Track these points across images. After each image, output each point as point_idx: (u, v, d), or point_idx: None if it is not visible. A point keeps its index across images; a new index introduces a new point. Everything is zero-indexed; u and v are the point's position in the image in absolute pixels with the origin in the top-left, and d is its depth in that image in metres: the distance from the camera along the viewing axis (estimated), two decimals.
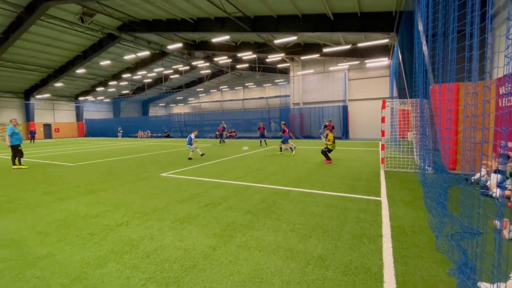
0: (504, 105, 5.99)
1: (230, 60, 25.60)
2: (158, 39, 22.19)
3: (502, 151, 4.63)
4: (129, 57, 22.51)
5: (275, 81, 32.49)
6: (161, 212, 4.52)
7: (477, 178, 5.61)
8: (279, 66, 27.76)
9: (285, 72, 28.97)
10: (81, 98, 37.12)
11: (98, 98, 38.65)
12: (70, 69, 25.74)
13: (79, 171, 8.74)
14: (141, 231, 3.71)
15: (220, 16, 16.40)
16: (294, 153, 12.01)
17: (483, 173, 5.42)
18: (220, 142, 19.42)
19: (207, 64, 27.35)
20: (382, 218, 4.04)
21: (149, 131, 34.11)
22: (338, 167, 8.49)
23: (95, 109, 41.16)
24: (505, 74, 2.07)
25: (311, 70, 25.41)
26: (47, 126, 35.04)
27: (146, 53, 23.04)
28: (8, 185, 6.93)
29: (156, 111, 47.90)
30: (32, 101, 32.06)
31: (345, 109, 22.66)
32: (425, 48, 6.50)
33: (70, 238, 3.56)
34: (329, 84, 25.09)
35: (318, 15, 14.75)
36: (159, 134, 33.21)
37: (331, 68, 24.02)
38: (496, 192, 3.21)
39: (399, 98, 15.78)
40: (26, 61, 24.16)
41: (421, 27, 6.62)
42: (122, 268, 2.78)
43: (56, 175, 8.11)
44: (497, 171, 4.96)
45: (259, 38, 19.54)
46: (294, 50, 21.10)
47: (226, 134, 19.99)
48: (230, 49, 22.12)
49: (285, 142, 12.22)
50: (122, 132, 34.45)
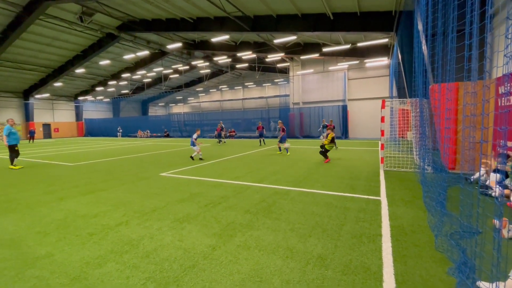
0: (503, 104, 6.00)
1: (230, 59, 25.61)
2: (158, 39, 22.17)
3: (501, 151, 4.63)
4: (128, 56, 22.51)
5: (275, 80, 32.49)
6: (160, 211, 4.52)
7: (476, 177, 5.62)
8: (279, 65, 27.77)
9: (284, 71, 28.97)
10: (80, 98, 37.10)
11: (97, 97, 38.63)
12: (69, 68, 25.71)
13: (79, 171, 8.74)
14: (140, 231, 3.71)
15: (219, 15, 16.40)
16: (289, 153, 12.18)
17: (482, 172, 5.43)
18: (218, 142, 19.42)
19: (207, 63, 27.34)
20: (382, 217, 4.04)
21: (148, 131, 34.11)
22: (338, 167, 8.50)
23: (95, 108, 41.14)
24: (504, 73, 2.07)
25: (311, 70, 25.41)
26: (47, 126, 35.01)
27: (145, 52, 23.04)
28: (7, 185, 6.92)
29: (155, 111, 47.89)
30: (31, 101, 32.03)
31: (344, 108, 22.67)
32: (424, 47, 6.51)
33: (69, 237, 3.56)
34: (328, 83, 25.10)
35: (318, 15, 14.76)
36: (159, 134, 33.20)
37: (331, 67, 24.04)
38: (495, 190, 3.22)
39: (399, 98, 15.81)
40: (25, 60, 24.13)
41: (420, 27, 6.62)
42: (121, 267, 2.78)
43: (55, 175, 8.10)
44: (496, 171, 4.97)
45: (259, 37, 19.55)
46: (293, 50, 21.09)
47: (224, 133, 19.99)
48: (230, 48, 22.11)
49: (283, 141, 12.27)
50: (121, 131, 34.43)
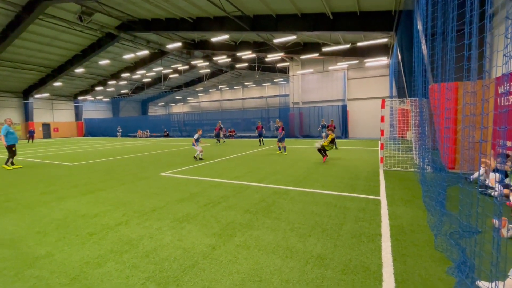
0: (502, 104, 6.01)
1: (230, 59, 25.59)
2: (157, 38, 22.15)
3: (500, 150, 4.63)
4: (128, 56, 22.50)
5: (275, 80, 32.48)
6: (160, 211, 4.52)
7: (475, 177, 5.62)
8: (279, 65, 27.76)
9: (284, 71, 28.98)
10: (80, 98, 37.06)
11: (97, 97, 38.60)
12: (69, 68, 25.69)
13: (78, 171, 8.73)
14: (140, 231, 3.71)
15: (219, 15, 16.39)
16: (287, 152, 12.29)
17: (482, 172, 5.43)
18: (217, 142, 19.38)
19: (207, 63, 27.32)
20: (381, 217, 4.05)
21: (148, 131, 34.10)
22: (338, 167, 8.50)
23: (94, 108, 41.11)
24: (503, 73, 2.07)
25: (311, 70, 25.41)
26: (46, 126, 34.99)
27: (145, 52, 23.04)
28: (6, 184, 6.92)
29: (155, 111, 47.86)
30: (30, 100, 32.00)
31: (344, 108, 22.67)
32: (424, 47, 6.51)
33: (69, 237, 3.56)
34: (328, 83, 25.10)
35: (318, 14, 14.76)
36: (159, 134, 33.19)
37: (331, 67, 24.03)
38: (497, 188, 3.21)
39: (398, 97, 15.82)
40: (25, 60, 24.11)
41: (420, 26, 6.62)
42: (121, 267, 2.78)
43: (55, 175, 8.10)
44: (495, 170, 4.97)
45: (259, 37, 19.54)
46: (293, 50, 21.09)
47: (222, 133, 19.97)
48: (230, 48, 22.09)
49: (281, 140, 12.30)
50: (121, 131, 34.43)
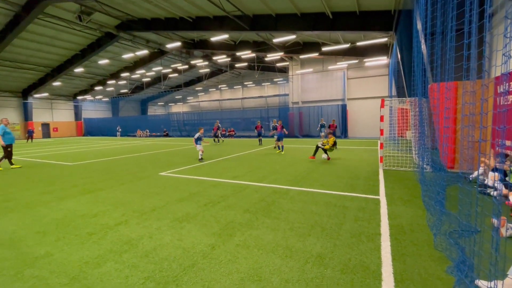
0: (502, 103, 6.01)
1: (229, 59, 25.56)
2: (157, 38, 22.12)
3: (500, 150, 4.64)
4: (127, 56, 22.46)
5: (274, 80, 32.47)
6: (160, 211, 4.52)
7: (475, 176, 5.63)
8: (278, 65, 27.75)
9: (284, 71, 28.97)
10: (79, 97, 37.01)
11: (96, 97, 38.55)
12: (68, 68, 25.63)
13: (78, 171, 8.72)
14: (140, 230, 3.71)
15: (219, 14, 16.36)
16: (284, 152, 12.37)
17: (481, 171, 5.44)
18: (214, 141, 19.31)
19: (206, 63, 27.29)
20: (381, 216, 4.05)
21: (148, 130, 34.09)
22: (337, 166, 8.50)
23: (94, 108, 41.06)
24: (502, 72, 2.07)
25: (310, 69, 25.40)
26: (45, 126, 34.95)
27: (144, 52, 23.02)
28: (6, 184, 6.91)
29: (155, 110, 47.82)
30: (30, 100, 31.93)
31: (344, 108, 22.68)
32: (423, 46, 6.51)
33: (68, 237, 3.55)
34: (328, 83, 25.10)
35: (317, 14, 14.75)
36: (158, 133, 33.18)
37: (330, 67, 24.02)
38: (497, 186, 3.22)
39: (398, 97, 15.82)
40: (24, 60, 24.06)
41: (419, 26, 6.62)
42: (121, 267, 2.78)
43: (54, 175, 8.09)
44: (494, 169, 4.98)
45: (258, 37, 19.52)
46: (293, 49, 21.08)
47: (220, 133, 19.91)
48: (229, 48, 22.07)
49: (280, 139, 12.34)
50: (121, 131, 34.42)
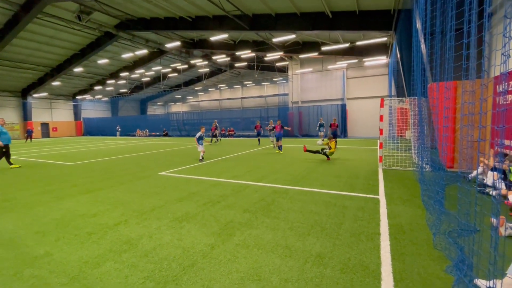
0: (501, 103, 6.02)
1: (229, 58, 25.54)
2: (156, 38, 22.08)
3: (499, 149, 4.65)
4: (127, 55, 22.43)
5: (274, 79, 32.47)
6: (159, 210, 4.52)
7: (474, 175, 5.64)
8: (278, 64, 27.73)
9: (283, 70, 28.95)
10: (79, 97, 36.97)
11: (96, 96, 38.51)
12: (67, 67, 25.59)
13: (77, 170, 8.72)
14: (139, 230, 3.70)
15: (218, 14, 16.35)
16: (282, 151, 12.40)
17: (480, 170, 5.45)
18: (211, 141, 19.23)
19: (206, 62, 27.27)
20: (380, 216, 4.06)
21: (147, 130, 34.07)
22: (337, 166, 8.51)
23: (93, 108, 41.03)
24: (502, 72, 2.07)
25: (310, 69, 25.40)
26: (45, 125, 34.91)
27: (144, 51, 22.97)
28: (5, 184, 6.90)
29: (154, 110, 47.80)
30: (29, 100, 31.89)
31: (343, 107, 22.70)
32: (423, 46, 6.51)
33: (68, 237, 3.55)
34: (327, 82, 25.11)
35: (317, 13, 14.74)
36: (158, 133, 33.16)
37: (330, 66, 24.03)
38: (497, 184, 3.22)
39: (397, 97, 15.83)
40: (23, 59, 24.02)
41: (419, 25, 6.62)
42: (120, 267, 2.78)
43: (54, 174, 8.08)
44: (494, 169, 4.99)
45: (258, 36, 19.50)
46: (292, 49, 21.07)
47: (218, 132, 19.85)
48: (229, 47, 22.05)
49: (279, 139, 12.35)
50: (120, 131, 34.38)
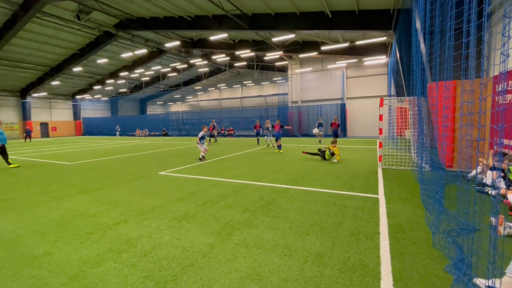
0: (500, 102, 6.02)
1: (228, 58, 25.51)
2: (156, 37, 22.05)
3: (498, 149, 4.66)
4: (126, 55, 22.38)
5: (273, 79, 32.46)
6: (159, 210, 4.52)
7: (473, 175, 5.65)
8: (277, 64, 27.72)
9: (283, 70, 28.94)
10: (78, 97, 36.92)
11: (95, 96, 38.46)
12: (66, 67, 25.56)
13: (77, 170, 8.71)
14: (139, 230, 3.70)
15: (217, 13, 16.33)
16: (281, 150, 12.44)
17: (479, 170, 5.45)
18: (209, 141, 19.17)
19: (205, 62, 27.24)
20: (380, 215, 4.06)
21: (147, 130, 34.04)
22: (336, 165, 8.51)
23: (93, 107, 40.98)
24: (501, 71, 2.07)
25: (309, 68, 25.40)
26: (44, 125, 34.86)
27: (143, 51, 22.93)
28: (4, 184, 6.89)
29: (154, 110, 47.74)
30: (28, 99, 31.83)
31: (343, 107, 22.71)
32: (422, 45, 6.51)
33: (67, 237, 3.55)
34: (327, 82, 25.12)
35: (316, 13, 14.75)
36: (157, 133, 33.14)
37: (329, 66, 24.03)
38: (496, 184, 3.22)
39: (397, 96, 15.84)
40: (22, 59, 23.97)
41: (418, 25, 6.62)
42: (120, 266, 2.78)
43: (53, 174, 8.07)
44: (493, 168, 5.00)
45: (257, 36, 19.49)
46: (292, 48, 21.07)
47: (216, 132, 19.81)
48: (228, 47, 22.04)
49: (278, 138, 12.38)
50: (120, 130, 34.36)
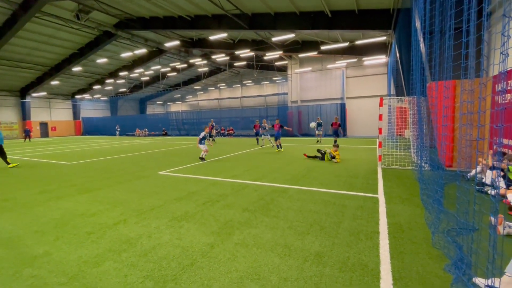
0: (499, 102, 6.02)
1: (228, 57, 25.49)
2: (155, 37, 22.04)
3: (497, 148, 4.65)
4: (126, 54, 22.35)
5: (273, 79, 32.44)
6: (158, 210, 4.51)
7: (473, 174, 5.65)
8: (277, 63, 27.70)
9: (283, 69, 28.93)
10: (77, 96, 36.88)
11: (95, 96, 38.40)
12: (66, 67, 25.53)
13: (76, 170, 8.70)
14: (138, 229, 3.70)
15: (217, 13, 16.32)
16: (282, 149, 12.47)
17: (479, 169, 5.46)
18: (211, 142, 19.18)
19: (205, 61, 27.21)
20: (379, 215, 4.06)
21: (146, 129, 34.02)
22: (336, 165, 8.52)
23: (92, 107, 40.94)
24: (500, 71, 2.07)
25: (309, 68, 25.39)
26: (44, 125, 34.83)
27: (143, 50, 22.89)
28: (4, 184, 6.89)
29: (153, 109, 47.71)
30: (28, 99, 31.80)
31: (342, 106, 22.72)
32: (422, 45, 6.51)
33: (67, 236, 3.55)
34: (327, 81, 25.12)
35: (316, 12, 14.74)
36: (157, 133, 33.13)
37: (329, 65, 24.03)
38: (496, 184, 3.21)
39: (397, 96, 15.84)
40: (22, 58, 23.94)
41: (418, 25, 6.62)
42: (119, 266, 2.78)
43: (52, 174, 8.07)
44: (492, 168, 5.00)
45: (257, 35, 19.48)
46: (292, 48, 21.06)
47: (214, 132, 19.79)
48: (228, 46, 22.02)
49: (277, 138, 12.39)
50: (119, 130, 34.33)
